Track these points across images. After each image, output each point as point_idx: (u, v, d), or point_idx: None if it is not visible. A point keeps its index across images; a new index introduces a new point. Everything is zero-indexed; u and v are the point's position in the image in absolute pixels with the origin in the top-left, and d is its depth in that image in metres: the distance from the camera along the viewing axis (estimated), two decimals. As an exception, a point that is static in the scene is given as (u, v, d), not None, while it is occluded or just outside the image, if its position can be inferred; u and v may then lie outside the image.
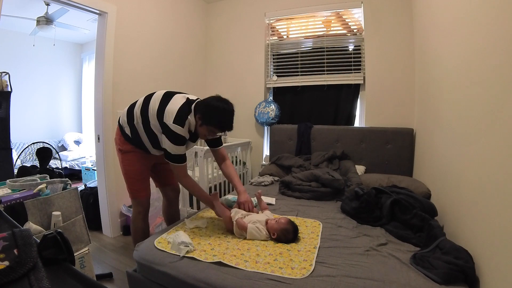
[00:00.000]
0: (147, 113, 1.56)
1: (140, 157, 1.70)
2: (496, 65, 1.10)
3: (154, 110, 1.53)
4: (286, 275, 1.12)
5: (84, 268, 1.52)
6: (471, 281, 1.10)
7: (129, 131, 1.64)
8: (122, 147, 1.70)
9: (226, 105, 1.52)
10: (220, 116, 1.49)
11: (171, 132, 1.45)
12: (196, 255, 1.26)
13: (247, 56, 3.50)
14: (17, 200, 1.27)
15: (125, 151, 1.69)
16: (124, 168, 1.72)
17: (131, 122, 1.62)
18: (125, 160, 1.70)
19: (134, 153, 1.69)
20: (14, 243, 0.51)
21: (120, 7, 2.53)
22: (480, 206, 1.21)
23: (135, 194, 1.73)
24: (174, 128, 1.45)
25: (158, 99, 1.55)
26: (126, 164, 1.70)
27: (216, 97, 1.55)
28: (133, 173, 1.70)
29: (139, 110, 1.60)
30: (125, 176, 1.73)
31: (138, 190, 1.73)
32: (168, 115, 1.47)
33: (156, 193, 2.29)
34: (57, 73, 5.25)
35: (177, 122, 1.45)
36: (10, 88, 2.19)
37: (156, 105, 1.53)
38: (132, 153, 1.69)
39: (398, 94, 2.80)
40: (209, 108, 1.49)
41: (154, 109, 1.53)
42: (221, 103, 1.51)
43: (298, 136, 3.06)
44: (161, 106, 1.51)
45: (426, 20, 2.23)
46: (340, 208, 1.90)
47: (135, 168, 1.70)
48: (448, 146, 1.69)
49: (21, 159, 4.24)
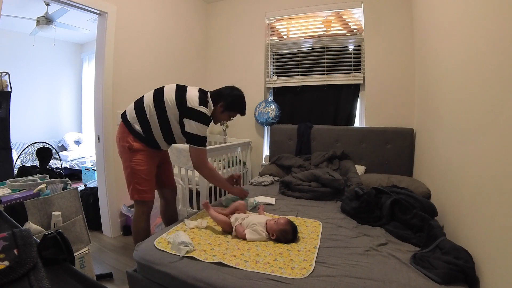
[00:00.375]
0: (163, 104, 1.63)
1: (149, 157, 1.70)
2: (496, 65, 1.10)
3: (172, 99, 1.62)
4: (286, 275, 1.12)
5: (84, 268, 1.52)
6: (471, 281, 1.10)
7: (139, 127, 1.64)
8: (132, 146, 1.66)
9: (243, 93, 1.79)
10: (243, 103, 1.78)
11: (199, 113, 1.58)
12: (196, 255, 1.26)
13: (247, 56, 3.50)
14: (17, 200, 1.27)
15: (135, 149, 1.66)
16: (132, 167, 1.67)
17: (143, 116, 1.63)
18: (135, 160, 1.66)
19: (144, 152, 1.67)
20: (14, 243, 0.51)
21: (120, 7, 2.53)
22: (480, 206, 1.21)
23: (142, 195, 1.70)
24: (202, 109, 1.59)
25: (173, 90, 1.66)
26: (136, 163, 1.66)
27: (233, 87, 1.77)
28: (142, 172, 1.67)
29: (151, 103, 1.64)
30: (132, 176, 1.68)
31: (145, 191, 1.70)
32: (192, 100, 1.60)
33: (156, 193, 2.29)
34: (57, 73, 5.25)
35: (201, 103, 1.60)
36: (10, 88, 2.19)
37: (173, 95, 1.63)
38: (142, 152, 1.67)
39: (398, 94, 2.80)
40: (234, 97, 1.72)
41: (172, 99, 1.62)
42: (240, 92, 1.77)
43: (298, 136, 3.06)
44: (179, 95, 1.62)
45: (426, 20, 2.23)
46: (340, 208, 1.90)
47: (144, 168, 1.67)
48: (448, 146, 1.69)
49: (21, 159, 4.24)
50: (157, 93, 1.66)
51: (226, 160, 3.02)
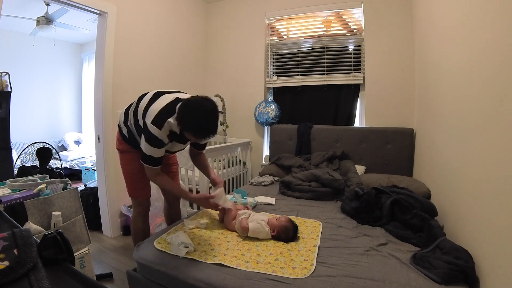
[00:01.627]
0: (137, 112, 1.52)
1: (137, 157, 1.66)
2: (496, 64, 1.10)
3: (141, 109, 1.48)
4: (287, 275, 1.12)
5: (84, 268, 1.52)
6: (471, 281, 1.10)
7: (126, 131, 1.64)
8: (119, 147, 1.71)
9: (204, 107, 1.32)
10: (196, 122, 1.32)
11: (148, 131, 1.39)
12: (196, 256, 1.26)
13: (247, 56, 3.50)
14: (17, 200, 1.27)
15: (122, 150, 1.70)
16: (122, 167, 1.73)
17: (126, 122, 1.62)
18: (122, 159, 1.71)
19: (130, 153, 1.67)
20: (14, 243, 0.51)
21: (120, 7, 2.53)
22: (480, 206, 1.21)
23: (134, 194, 1.72)
24: (151, 128, 1.37)
25: (148, 98, 1.51)
26: (123, 163, 1.71)
27: (195, 98, 1.38)
28: (130, 171, 1.69)
29: (132, 110, 1.58)
30: (124, 175, 1.73)
31: (136, 189, 1.71)
32: (149, 114, 1.40)
33: (156, 193, 2.29)
34: (57, 73, 5.25)
35: (155, 122, 1.37)
36: (10, 88, 2.20)
37: (144, 104, 1.49)
38: (129, 152, 1.68)
39: (398, 94, 2.80)
40: (184, 112, 1.33)
41: (142, 108, 1.48)
42: (200, 107, 1.33)
43: (298, 136, 3.06)
44: (147, 105, 1.46)
45: (426, 20, 2.23)
46: (340, 208, 1.90)
47: (132, 167, 1.67)
48: (448, 146, 1.69)
49: (21, 159, 4.24)
50: (138, 101, 1.58)
51: (226, 160, 3.02)
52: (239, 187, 3.05)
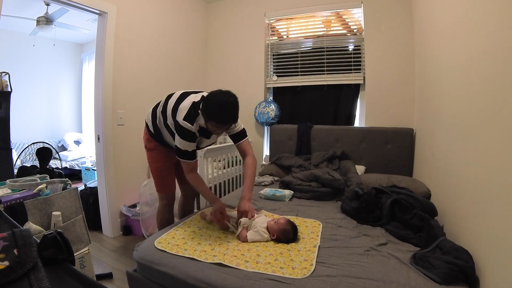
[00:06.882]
0: (166, 112, 1.64)
1: (163, 155, 1.81)
2: (496, 64, 1.10)
3: (170, 109, 1.61)
4: (287, 275, 1.12)
5: (84, 268, 1.52)
6: (471, 281, 1.10)
7: (153, 129, 1.75)
8: (147, 144, 1.83)
9: (225, 97, 1.46)
10: (218, 110, 1.45)
11: (180, 128, 1.52)
12: (197, 256, 1.26)
13: (247, 56, 3.50)
14: (17, 200, 1.27)
15: (150, 148, 1.82)
16: (149, 164, 1.86)
17: (154, 121, 1.72)
18: (150, 157, 1.84)
19: (157, 151, 1.80)
20: (14, 243, 0.51)
21: (120, 7, 2.53)
22: (480, 206, 1.21)
23: (161, 189, 1.87)
24: (183, 124, 1.51)
25: (175, 98, 1.64)
26: (151, 161, 1.84)
27: (217, 91, 1.53)
28: (157, 169, 1.83)
29: (160, 110, 1.69)
30: (152, 172, 1.87)
31: (163, 185, 1.86)
32: (180, 113, 1.54)
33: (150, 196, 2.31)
34: (57, 73, 5.25)
35: (186, 119, 1.51)
36: (10, 88, 2.19)
37: (172, 104, 1.61)
38: (155, 150, 1.80)
39: (398, 94, 2.80)
40: (207, 103, 1.48)
41: (170, 108, 1.61)
42: (220, 96, 1.47)
43: (298, 136, 3.06)
44: (176, 105, 1.59)
45: (426, 20, 2.23)
46: (340, 208, 1.90)
47: (158, 165, 1.82)
48: (448, 146, 1.69)
49: (21, 159, 4.24)
50: (166, 100, 1.69)
51: (226, 160, 3.02)
52: (239, 187, 3.05)
